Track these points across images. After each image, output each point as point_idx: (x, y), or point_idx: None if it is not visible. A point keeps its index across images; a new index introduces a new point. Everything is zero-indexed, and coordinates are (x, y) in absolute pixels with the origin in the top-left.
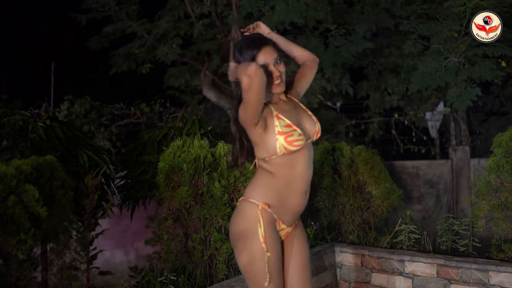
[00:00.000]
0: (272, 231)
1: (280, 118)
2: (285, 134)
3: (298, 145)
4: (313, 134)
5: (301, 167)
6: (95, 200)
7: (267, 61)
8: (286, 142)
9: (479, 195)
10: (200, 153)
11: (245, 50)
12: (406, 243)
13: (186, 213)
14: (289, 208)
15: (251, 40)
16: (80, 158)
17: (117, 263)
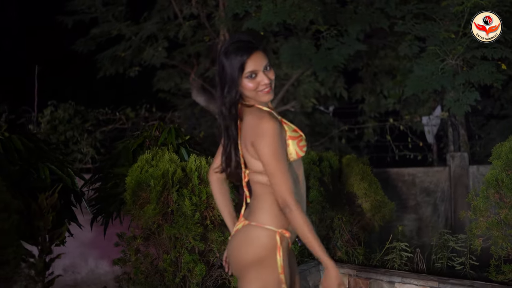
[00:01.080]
0: (287, 258)
1: (285, 123)
2: (296, 139)
3: (305, 151)
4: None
5: (301, 180)
6: (50, 221)
7: (256, 68)
8: (298, 147)
9: (477, 211)
10: (168, 168)
11: (233, 55)
12: (397, 262)
13: (156, 232)
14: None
15: (240, 44)
16: (42, 173)
17: (102, 274)
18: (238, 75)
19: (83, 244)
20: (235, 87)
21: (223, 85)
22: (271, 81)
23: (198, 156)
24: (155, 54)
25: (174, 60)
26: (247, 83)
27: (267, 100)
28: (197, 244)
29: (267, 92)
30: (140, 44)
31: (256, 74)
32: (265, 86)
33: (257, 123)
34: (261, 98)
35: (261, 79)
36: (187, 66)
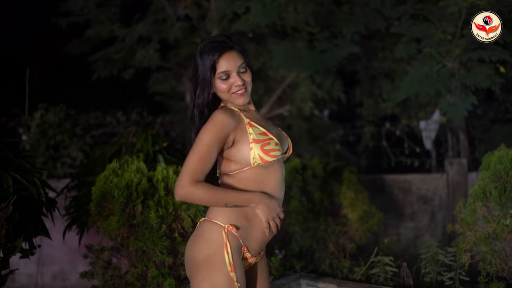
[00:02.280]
0: (239, 258)
1: (253, 126)
2: (261, 142)
3: (275, 156)
4: (284, 149)
5: (272, 186)
6: (3, 235)
7: (229, 68)
8: (262, 151)
9: (464, 224)
10: (133, 178)
11: (206, 55)
12: (382, 276)
13: (125, 245)
14: (257, 235)
15: (213, 44)
16: (4, 182)
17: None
18: (210, 75)
19: (72, 251)
20: (208, 88)
21: (196, 87)
22: (244, 83)
23: (170, 165)
24: (146, 56)
25: (170, 62)
26: (219, 84)
27: (242, 103)
28: (165, 257)
29: (240, 95)
30: (132, 46)
31: (229, 75)
32: (238, 88)
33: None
34: (234, 101)
35: (234, 81)
36: (181, 69)
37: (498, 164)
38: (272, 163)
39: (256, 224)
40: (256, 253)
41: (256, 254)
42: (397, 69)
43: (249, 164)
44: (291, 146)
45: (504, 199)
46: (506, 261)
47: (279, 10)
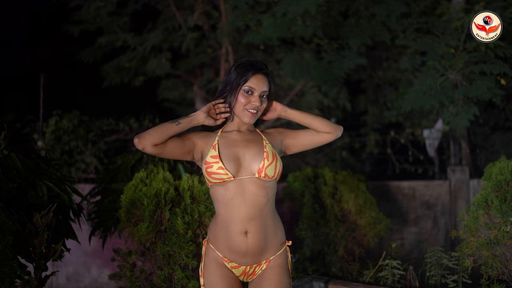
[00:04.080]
0: (214, 267)
1: (214, 148)
2: (207, 165)
3: (218, 178)
4: (254, 170)
5: (235, 204)
6: (45, 240)
7: (255, 87)
8: (206, 172)
9: (467, 230)
10: (161, 188)
11: (243, 68)
12: (390, 279)
13: (151, 249)
14: (233, 248)
15: (252, 62)
16: (39, 190)
17: (104, 283)
18: (238, 85)
19: (86, 254)
20: (234, 95)
21: (223, 91)
22: (259, 108)
23: (191, 175)
24: (159, 65)
25: (179, 70)
26: (240, 96)
27: (247, 122)
28: (190, 261)
29: (251, 115)
30: (144, 54)
31: (252, 92)
32: (253, 108)
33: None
34: (243, 117)
35: (254, 100)
36: (191, 77)
37: (499, 175)
38: (227, 183)
39: (229, 239)
40: (246, 263)
41: (247, 264)
42: (401, 78)
43: (208, 183)
44: (266, 169)
45: (504, 207)
46: (507, 265)
47: (290, 24)
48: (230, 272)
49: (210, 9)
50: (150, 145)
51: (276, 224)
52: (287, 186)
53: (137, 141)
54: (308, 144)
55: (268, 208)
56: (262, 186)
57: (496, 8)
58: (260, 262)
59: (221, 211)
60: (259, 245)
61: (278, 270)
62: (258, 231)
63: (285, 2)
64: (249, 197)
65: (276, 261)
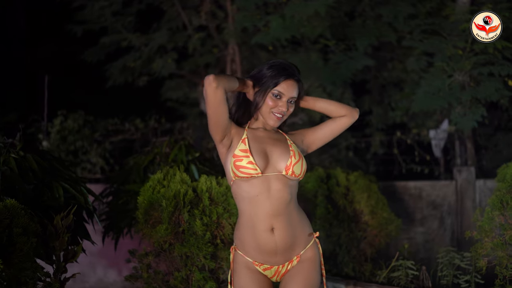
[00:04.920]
0: (245, 272)
1: (243, 142)
2: (236, 158)
3: (246, 173)
4: (281, 168)
5: (261, 201)
6: (65, 242)
7: (284, 92)
8: (234, 165)
9: (482, 231)
10: (180, 189)
11: (275, 72)
12: (403, 279)
13: (168, 250)
14: (261, 248)
15: (285, 66)
16: (55, 192)
17: (110, 283)
18: (268, 87)
19: (91, 254)
20: (262, 96)
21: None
22: (285, 113)
23: (208, 176)
24: (165, 66)
25: (183, 70)
26: (269, 99)
27: (272, 125)
28: (208, 262)
29: (277, 119)
30: (150, 54)
31: (280, 97)
32: (279, 113)
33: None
34: (268, 120)
35: (282, 105)
36: (195, 77)
37: None
38: (252, 179)
39: (255, 239)
40: (275, 262)
41: (278, 263)
42: (406, 79)
43: (231, 178)
44: (293, 166)
45: None
46: None
47: (298, 25)
48: (262, 277)
49: (216, 9)
50: (222, 88)
51: (302, 218)
52: (299, 187)
53: (213, 78)
54: (329, 134)
55: (293, 205)
56: (287, 183)
57: (501, 10)
58: (291, 259)
59: (246, 208)
60: (287, 241)
61: (308, 264)
62: (284, 227)
63: (294, 3)
64: (274, 194)
65: (307, 255)
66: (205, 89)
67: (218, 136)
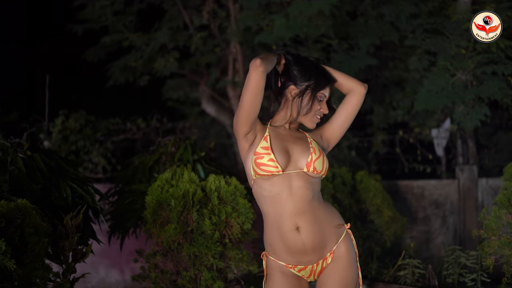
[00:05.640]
0: (279, 277)
1: (265, 140)
2: (257, 155)
3: (267, 171)
4: (302, 165)
5: (283, 199)
6: (75, 242)
7: (326, 95)
8: (255, 163)
9: (489, 230)
10: (189, 188)
11: (321, 74)
12: (409, 278)
13: (176, 250)
14: (289, 249)
15: (324, 70)
16: (63, 191)
17: (112, 283)
18: (315, 90)
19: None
20: (307, 98)
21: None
22: (322, 114)
23: (216, 175)
24: (167, 65)
25: (184, 69)
26: (316, 102)
27: (311, 127)
28: (216, 262)
29: (317, 121)
30: (151, 54)
31: (323, 100)
32: (320, 115)
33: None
34: (308, 122)
35: (324, 108)
36: (196, 76)
37: None
38: (273, 177)
39: (283, 240)
40: (308, 262)
41: (310, 263)
42: (408, 78)
43: (252, 177)
44: (314, 162)
45: None
46: None
47: (302, 24)
48: (296, 280)
49: (217, 8)
50: (266, 73)
51: (329, 213)
52: None
53: (260, 62)
54: (346, 118)
55: (316, 201)
56: (309, 181)
57: (503, 9)
58: (325, 256)
59: (269, 209)
60: (315, 238)
61: (341, 261)
62: (310, 224)
63: (298, 3)
64: (295, 191)
65: (340, 250)
66: (251, 72)
67: (245, 128)
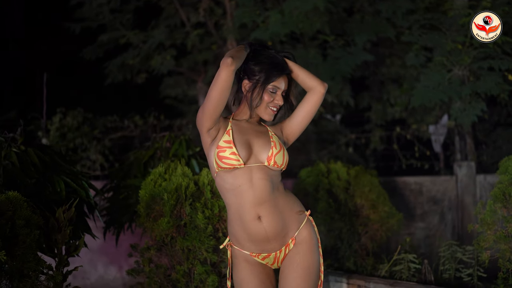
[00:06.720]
0: (244, 265)
1: (227, 133)
2: (219, 149)
3: (229, 164)
4: (263, 159)
5: (244, 191)
6: (67, 235)
7: (279, 86)
8: (217, 156)
9: (484, 224)
10: (182, 182)
11: (270, 67)
12: (405, 273)
13: (169, 244)
14: (252, 238)
15: (277, 62)
16: (57, 185)
17: (110, 280)
18: (264, 83)
19: (92, 251)
20: (257, 91)
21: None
22: (279, 106)
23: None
24: (164, 63)
25: (182, 67)
26: (265, 94)
27: (267, 119)
28: (210, 256)
29: (272, 112)
30: (148, 52)
31: (276, 91)
32: (275, 106)
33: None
34: (263, 114)
35: (278, 99)
36: (194, 74)
37: None
38: (235, 170)
39: (246, 230)
40: (271, 250)
41: (273, 250)
42: (405, 74)
43: (215, 170)
44: (274, 156)
45: None
46: None
47: (297, 20)
48: (261, 268)
49: (214, 5)
50: (234, 70)
51: (289, 201)
52: (300, 181)
53: (231, 61)
54: (304, 116)
55: (277, 191)
56: (268, 173)
57: (500, 5)
58: (287, 243)
59: (231, 201)
60: (277, 226)
61: (303, 247)
62: (270, 213)
63: None
64: (256, 183)
65: (301, 236)
66: (221, 70)
67: (209, 123)
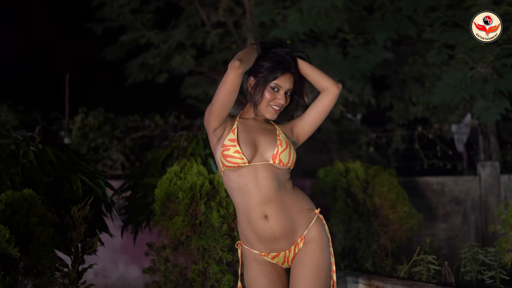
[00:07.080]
0: (253, 264)
1: (232, 132)
2: (224, 148)
3: (233, 162)
4: (268, 157)
5: (249, 190)
6: (82, 233)
7: (281, 85)
8: (222, 155)
9: (506, 225)
10: (196, 181)
11: (272, 65)
12: (425, 274)
13: (185, 243)
14: (260, 237)
15: (281, 60)
16: (74, 184)
17: (132, 279)
18: (266, 81)
19: (113, 249)
20: (259, 89)
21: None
22: (282, 106)
23: None
24: (184, 62)
25: (202, 66)
26: (266, 92)
27: (269, 118)
28: (225, 255)
29: (274, 111)
30: (169, 51)
31: (278, 90)
32: (277, 105)
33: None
34: (265, 112)
35: (280, 98)
36: (214, 73)
37: None
38: (240, 168)
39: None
40: (279, 249)
41: (282, 250)
42: (427, 73)
43: (221, 168)
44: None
45: None
46: None
47: (316, 18)
48: (271, 267)
49: (234, 5)
50: (242, 73)
51: (297, 198)
52: (318, 181)
53: (238, 64)
54: (316, 116)
55: (283, 189)
56: (274, 172)
57: None
58: (296, 242)
59: (238, 200)
60: (284, 225)
61: (312, 246)
62: (277, 212)
63: None
64: (261, 182)
65: (311, 234)
66: (228, 73)
67: (216, 122)
